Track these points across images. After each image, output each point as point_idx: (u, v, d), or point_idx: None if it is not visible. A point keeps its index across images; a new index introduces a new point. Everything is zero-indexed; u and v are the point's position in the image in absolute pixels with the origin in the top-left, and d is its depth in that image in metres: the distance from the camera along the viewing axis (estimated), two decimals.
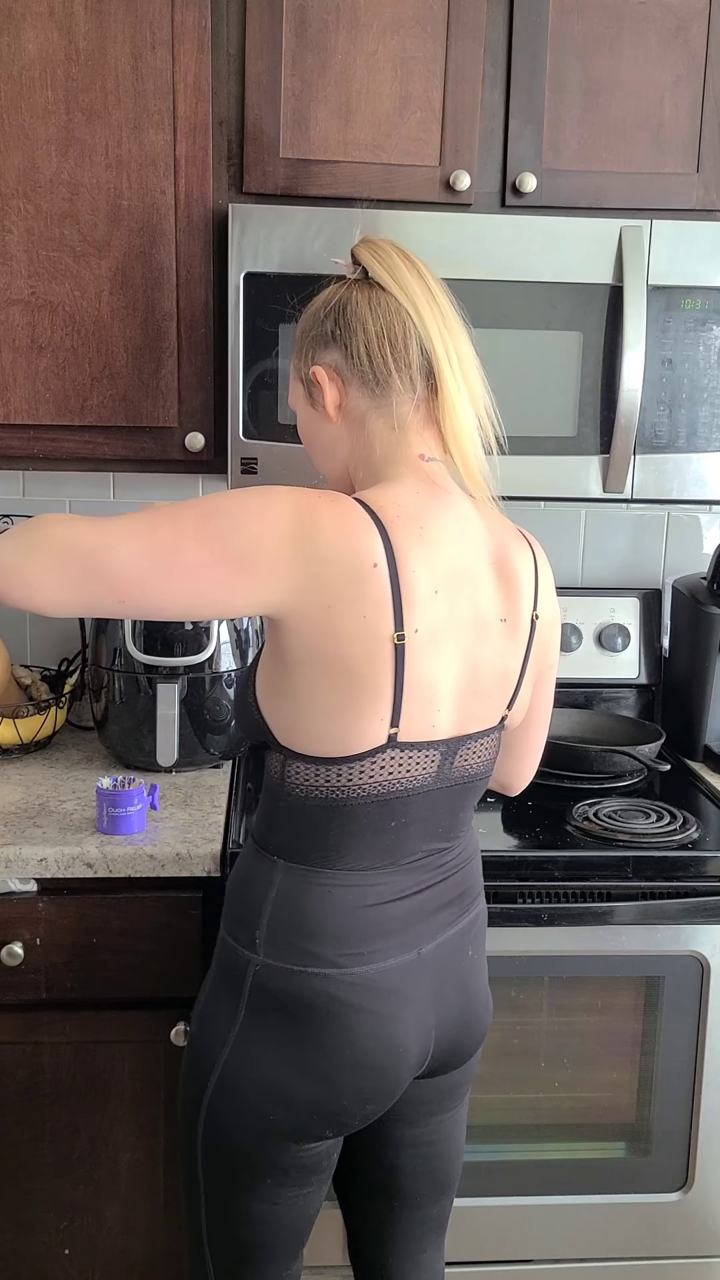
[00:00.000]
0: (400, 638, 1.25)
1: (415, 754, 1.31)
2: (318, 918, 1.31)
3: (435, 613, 1.28)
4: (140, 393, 1.90)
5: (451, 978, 1.40)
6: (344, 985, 1.30)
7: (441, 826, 1.38)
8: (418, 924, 1.36)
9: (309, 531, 1.22)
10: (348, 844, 1.32)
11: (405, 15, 1.83)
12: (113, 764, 2.04)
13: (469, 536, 1.34)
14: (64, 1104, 1.76)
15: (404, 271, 1.33)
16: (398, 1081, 1.36)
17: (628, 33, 1.88)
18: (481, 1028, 1.47)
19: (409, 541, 1.27)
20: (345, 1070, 1.31)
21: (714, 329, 1.89)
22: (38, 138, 1.81)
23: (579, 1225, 1.87)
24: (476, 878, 1.48)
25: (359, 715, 1.27)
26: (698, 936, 1.77)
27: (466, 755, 1.37)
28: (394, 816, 1.32)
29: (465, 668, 1.33)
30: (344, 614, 1.23)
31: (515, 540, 1.41)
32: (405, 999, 1.34)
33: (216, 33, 1.82)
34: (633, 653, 2.30)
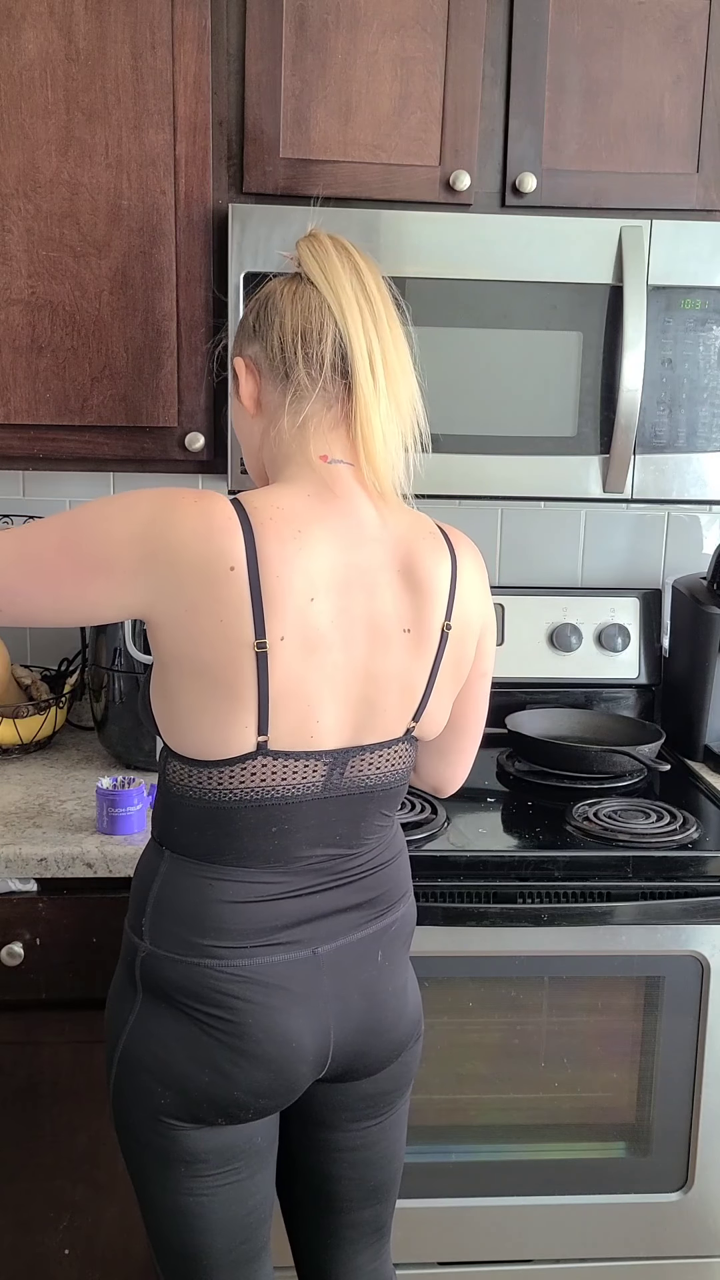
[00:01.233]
0: (261, 645, 1.23)
1: (293, 763, 1.28)
2: (199, 908, 1.31)
3: (312, 620, 1.25)
4: (140, 393, 1.90)
5: (355, 981, 1.37)
6: (225, 977, 1.30)
7: (338, 834, 1.35)
8: (313, 923, 1.34)
9: (163, 533, 1.22)
10: (227, 845, 1.31)
11: (405, 15, 1.83)
12: (113, 764, 2.04)
13: (366, 543, 1.30)
14: (64, 1104, 1.76)
15: (336, 267, 1.30)
16: (293, 1077, 1.34)
17: (628, 33, 1.88)
18: (394, 1035, 1.42)
19: (279, 545, 1.23)
20: (235, 1060, 1.31)
21: (714, 329, 1.89)
22: (38, 138, 1.81)
23: (579, 1225, 1.87)
24: (395, 882, 1.43)
25: (224, 721, 1.26)
26: (698, 936, 1.77)
27: (361, 766, 1.33)
28: (274, 823, 1.30)
29: (356, 678, 1.30)
30: (203, 617, 1.22)
31: (430, 545, 1.35)
32: (295, 996, 1.32)
33: (216, 33, 1.82)
34: (633, 653, 2.30)
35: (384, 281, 1.32)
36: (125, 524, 1.24)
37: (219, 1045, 1.31)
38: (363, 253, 1.33)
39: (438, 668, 1.36)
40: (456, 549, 1.38)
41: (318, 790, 1.31)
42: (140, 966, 1.33)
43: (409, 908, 1.46)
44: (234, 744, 1.26)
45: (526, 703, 2.24)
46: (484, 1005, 1.79)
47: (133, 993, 1.35)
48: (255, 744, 1.26)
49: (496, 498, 1.98)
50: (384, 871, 1.41)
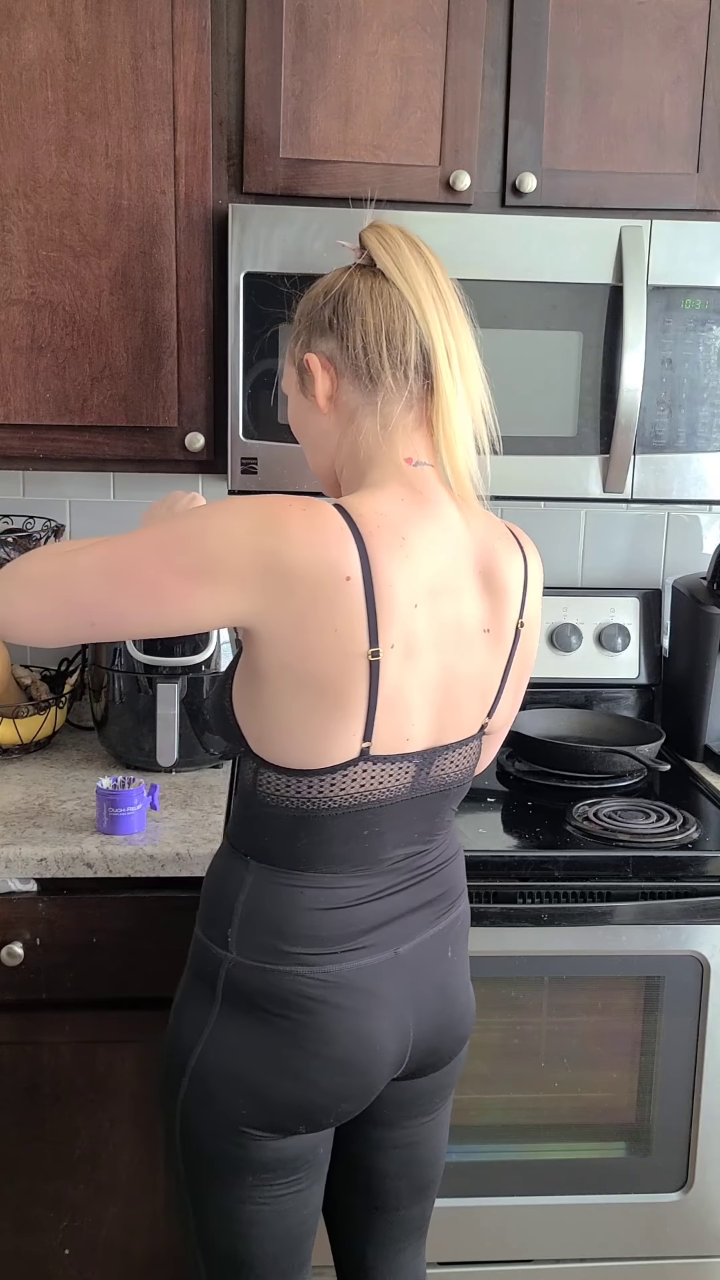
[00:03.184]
0: (375, 654, 1.22)
1: (388, 766, 1.29)
2: (289, 916, 1.31)
3: (414, 626, 1.25)
4: (140, 393, 1.90)
5: (430, 978, 1.38)
6: (316, 983, 1.29)
7: (417, 831, 1.36)
8: (394, 923, 1.35)
9: (274, 543, 1.19)
10: (318, 852, 1.31)
11: (405, 15, 1.83)
12: (113, 764, 2.04)
13: (453, 547, 1.30)
14: (64, 1104, 1.76)
15: (410, 262, 1.28)
16: (375, 1080, 1.35)
17: (628, 33, 1.88)
18: (462, 1029, 1.45)
19: (389, 553, 1.22)
20: (320, 1068, 1.30)
21: (714, 329, 1.89)
22: (38, 138, 1.81)
23: (579, 1225, 1.87)
24: (458, 878, 1.46)
25: (330, 730, 1.24)
26: (698, 936, 1.77)
27: (443, 764, 1.35)
28: (366, 826, 1.31)
29: (443, 680, 1.30)
30: (316, 628, 1.20)
31: (505, 546, 1.36)
32: (381, 998, 1.33)
33: (216, 33, 1.82)
34: (633, 653, 2.30)
35: (447, 275, 1.31)
36: (233, 533, 1.20)
37: (304, 1052, 1.30)
38: (426, 244, 1.32)
39: (510, 664, 1.38)
40: (525, 548, 1.40)
41: (406, 791, 1.32)
42: (225, 977, 1.32)
43: (467, 901, 1.48)
44: (338, 752, 1.26)
45: (526, 703, 2.24)
46: (484, 1005, 1.79)
47: (209, 1004, 1.33)
48: (359, 750, 1.26)
49: (496, 497, 1.96)
50: (450, 866, 1.44)
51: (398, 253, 1.29)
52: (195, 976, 1.36)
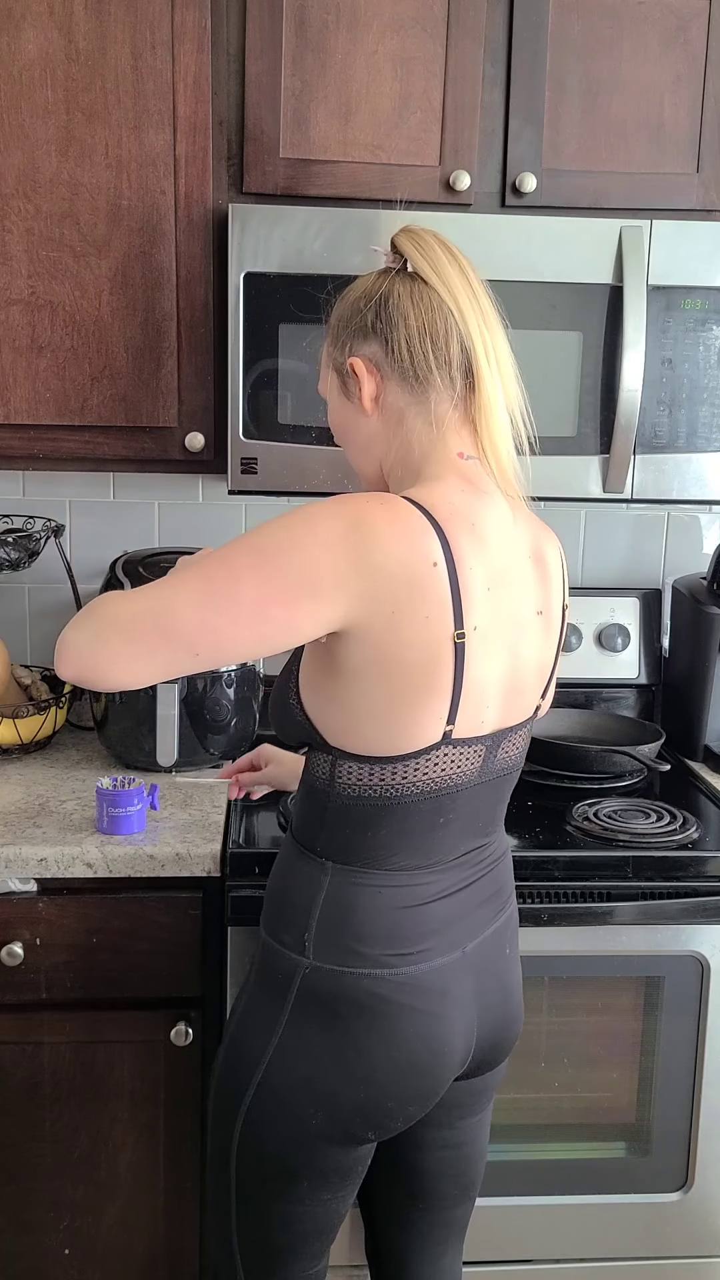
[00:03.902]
0: (460, 635, 1.25)
1: (465, 750, 1.32)
2: (367, 919, 1.31)
3: (488, 610, 1.29)
4: (140, 393, 1.90)
5: (493, 975, 1.41)
6: (394, 985, 1.31)
7: (482, 821, 1.39)
8: (461, 921, 1.37)
9: (364, 541, 1.21)
10: (397, 843, 1.32)
11: (405, 15, 1.83)
12: (113, 764, 2.04)
13: (510, 533, 1.35)
14: (64, 1104, 1.76)
15: (446, 265, 1.31)
16: (441, 1082, 1.36)
17: (628, 33, 1.88)
18: (518, 1026, 1.48)
19: (464, 539, 1.27)
20: (390, 1072, 1.31)
21: (714, 329, 1.89)
22: (38, 138, 1.81)
23: (579, 1225, 1.87)
24: (509, 876, 1.49)
25: (417, 715, 1.27)
26: (698, 936, 1.77)
27: (507, 748, 1.38)
28: (443, 813, 1.32)
29: (509, 663, 1.34)
30: (407, 618, 1.22)
31: (546, 534, 1.43)
32: (452, 998, 1.35)
33: (216, 33, 1.82)
34: (633, 653, 2.30)
35: (479, 276, 1.34)
36: (323, 542, 1.21)
37: (378, 1056, 1.31)
38: (457, 247, 1.35)
39: (559, 646, 1.45)
40: (557, 540, 1.46)
41: (476, 775, 1.34)
42: (301, 983, 1.31)
43: (515, 900, 1.50)
44: (424, 736, 1.28)
45: None
46: None
47: (279, 1012, 1.32)
48: (442, 733, 1.28)
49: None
50: (504, 863, 1.47)
51: (434, 256, 1.31)
52: (263, 983, 1.35)
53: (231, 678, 1.96)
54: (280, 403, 1.84)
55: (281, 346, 1.83)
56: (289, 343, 1.83)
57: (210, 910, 1.71)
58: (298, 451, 1.86)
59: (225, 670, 1.94)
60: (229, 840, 1.73)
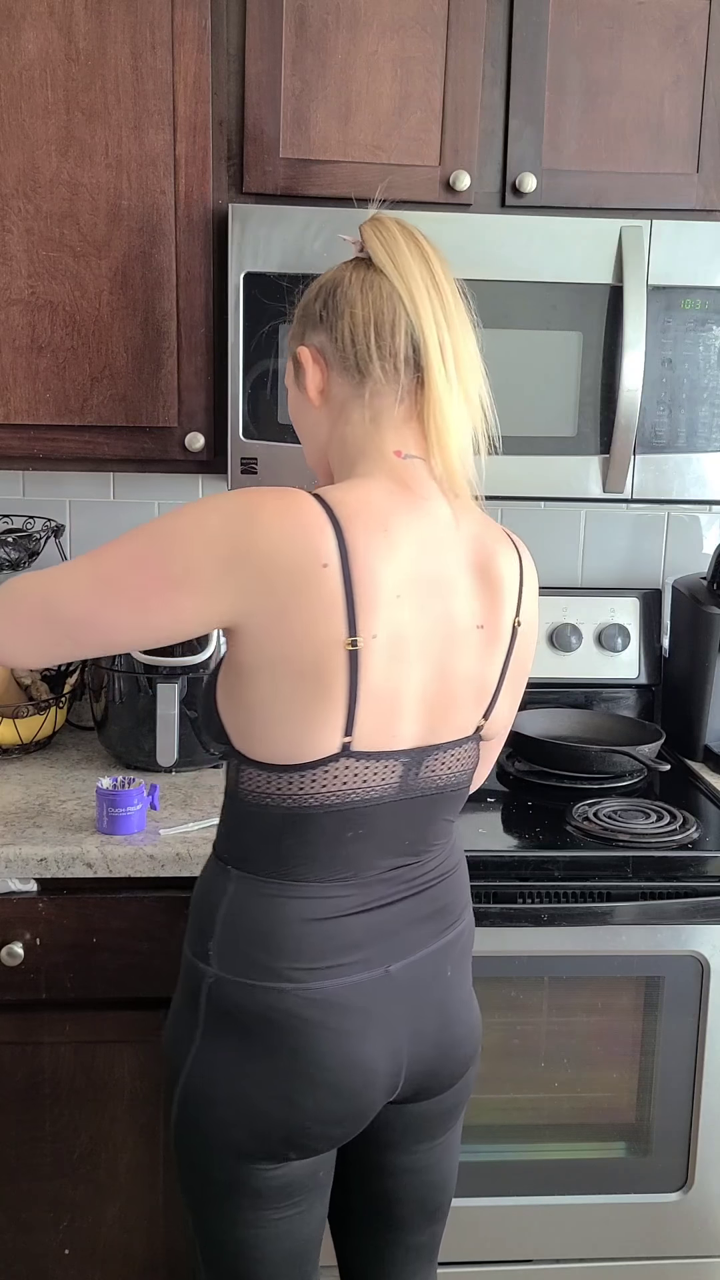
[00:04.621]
0: (353, 643, 1.19)
1: (373, 764, 1.24)
2: (272, 930, 1.26)
3: (398, 618, 1.22)
4: (140, 393, 1.90)
5: (428, 999, 1.33)
6: (302, 1001, 1.25)
7: (407, 840, 1.31)
8: (386, 940, 1.30)
9: (249, 536, 1.17)
10: (302, 854, 1.26)
11: (405, 15, 1.83)
12: (113, 764, 2.04)
13: (443, 540, 1.27)
14: (64, 1104, 1.76)
15: (405, 254, 1.25)
16: (367, 1104, 1.30)
17: (628, 33, 1.88)
18: (463, 1051, 1.39)
19: (369, 541, 1.19)
20: (308, 1091, 1.25)
21: (714, 329, 1.89)
22: (38, 138, 1.81)
23: (579, 1225, 1.87)
24: (459, 894, 1.40)
25: (311, 722, 1.21)
26: (698, 936, 1.77)
27: (434, 765, 1.30)
28: (351, 827, 1.26)
29: (435, 676, 1.27)
30: (295, 619, 1.18)
31: (500, 543, 1.33)
32: (372, 1017, 1.28)
33: (216, 33, 1.82)
34: (633, 653, 2.30)
35: (452, 277, 1.28)
36: (206, 536, 1.18)
37: (291, 1074, 1.25)
38: (428, 239, 1.29)
39: (508, 664, 1.34)
40: (521, 550, 1.38)
41: (393, 792, 1.27)
42: (207, 994, 1.27)
43: (471, 917, 1.43)
44: (319, 746, 1.22)
45: (526, 703, 2.23)
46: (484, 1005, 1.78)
47: (194, 1023, 1.29)
48: (340, 745, 1.22)
49: (496, 498, 1.98)
50: (449, 880, 1.38)
51: (392, 245, 1.26)
52: (181, 993, 1.33)
53: None
54: (280, 403, 1.84)
55: (281, 346, 1.83)
56: None
57: None
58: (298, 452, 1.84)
59: None
60: None
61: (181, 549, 1.19)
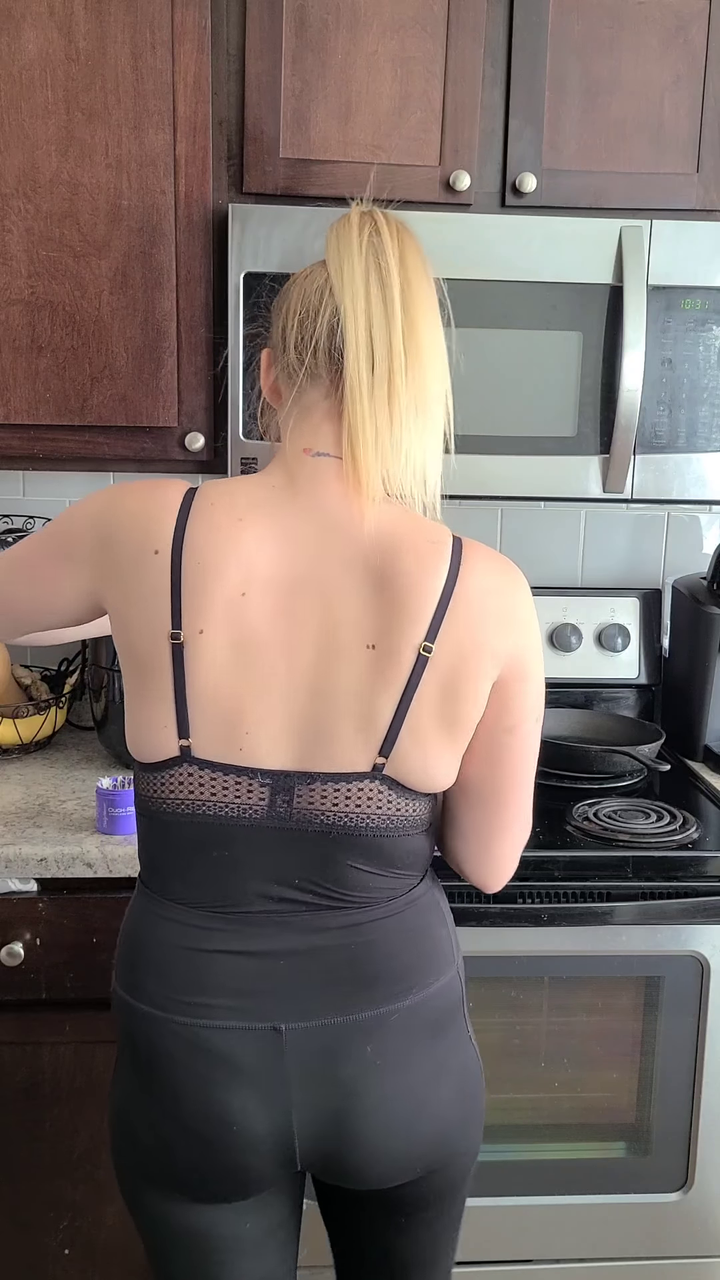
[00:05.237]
0: (176, 636, 1.14)
1: (222, 777, 1.16)
2: (145, 944, 1.22)
3: (244, 618, 1.14)
4: (140, 393, 1.90)
5: (329, 1075, 1.18)
6: (168, 1033, 1.18)
7: (297, 878, 1.18)
8: (276, 996, 1.18)
9: (110, 516, 1.20)
10: (170, 866, 1.21)
11: (405, 15, 1.83)
12: (113, 764, 2.04)
13: (330, 543, 1.16)
14: (64, 1104, 1.76)
15: (352, 245, 1.17)
16: (235, 1164, 1.19)
17: (628, 33, 1.88)
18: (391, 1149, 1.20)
19: (210, 533, 1.14)
20: (173, 1131, 1.20)
21: (714, 329, 1.89)
22: (38, 138, 1.81)
23: (579, 1225, 1.87)
24: (406, 965, 1.21)
25: (150, 718, 1.17)
26: (698, 936, 1.77)
27: (315, 799, 1.16)
28: (214, 845, 1.18)
29: (300, 691, 1.15)
30: (133, 603, 1.17)
31: (421, 554, 1.16)
32: (245, 1075, 1.17)
33: (216, 33, 1.82)
34: (633, 653, 2.30)
35: (419, 270, 1.19)
36: (85, 510, 1.23)
37: (160, 1109, 1.20)
38: (403, 237, 1.20)
39: (410, 696, 1.15)
40: (467, 563, 1.17)
41: (261, 816, 1.17)
42: (112, 1006, 1.26)
43: (435, 994, 1.22)
44: (159, 745, 1.17)
45: None
46: (484, 1005, 1.79)
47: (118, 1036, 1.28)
48: (178, 748, 1.16)
49: (496, 498, 1.98)
50: (384, 946, 1.20)
51: (343, 235, 1.19)
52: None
53: None
54: None
55: None
56: None
57: None
58: None
59: None
60: None
61: (67, 525, 1.25)
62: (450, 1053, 1.25)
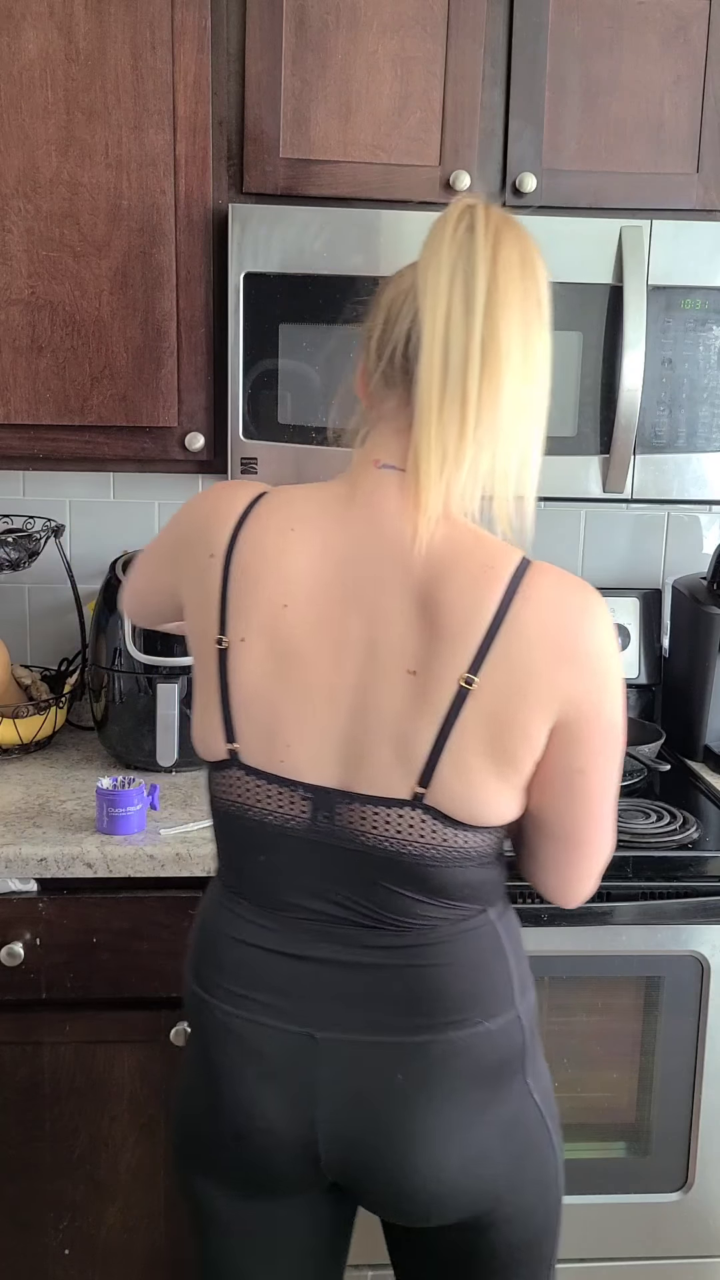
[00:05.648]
0: (221, 642, 1.15)
1: (266, 785, 1.16)
2: (207, 930, 1.27)
3: (284, 629, 1.12)
4: (140, 393, 1.90)
5: (356, 1094, 1.16)
6: (212, 1018, 1.22)
7: (338, 894, 1.16)
8: (312, 1002, 1.17)
9: (186, 518, 1.26)
10: (227, 860, 1.25)
11: (405, 15, 1.83)
12: (113, 764, 2.04)
13: (381, 560, 1.11)
14: (64, 1104, 1.76)
15: (442, 244, 1.09)
16: (262, 1158, 1.19)
17: (628, 33, 1.88)
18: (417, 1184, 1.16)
19: (259, 541, 1.14)
20: (210, 1112, 1.22)
21: (714, 329, 1.89)
22: (38, 138, 1.81)
23: (579, 1225, 1.86)
24: (450, 998, 1.16)
25: (204, 720, 1.20)
26: (698, 936, 1.77)
27: (355, 819, 1.13)
28: (260, 849, 1.18)
29: (340, 708, 1.12)
30: (194, 605, 1.21)
31: (471, 578, 1.09)
32: (275, 1073, 1.17)
33: (216, 33, 1.82)
34: (633, 653, 2.30)
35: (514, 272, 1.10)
36: (182, 508, 1.28)
37: (201, 1090, 1.24)
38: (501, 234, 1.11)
39: (450, 728, 1.09)
40: (525, 590, 1.08)
41: (303, 828, 1.15)
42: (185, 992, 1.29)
43: (485, 1036, 1.17)
44: (213, 747, 1.19)
45: None
46: None
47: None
48: (226, 751, 1.17)
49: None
50: (428, 975, 1.16)
51: (435, 231, 1.11)
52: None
53: None
54: (280, 403, 1.84)
55: (281, 346, 1.83)
56: (289, 343, 1.83)
57: None
58: (298, 452, 1.86)
59: None
60: None
61: (171, 521, 1.30)
62: (501, 1104, 1.20)
